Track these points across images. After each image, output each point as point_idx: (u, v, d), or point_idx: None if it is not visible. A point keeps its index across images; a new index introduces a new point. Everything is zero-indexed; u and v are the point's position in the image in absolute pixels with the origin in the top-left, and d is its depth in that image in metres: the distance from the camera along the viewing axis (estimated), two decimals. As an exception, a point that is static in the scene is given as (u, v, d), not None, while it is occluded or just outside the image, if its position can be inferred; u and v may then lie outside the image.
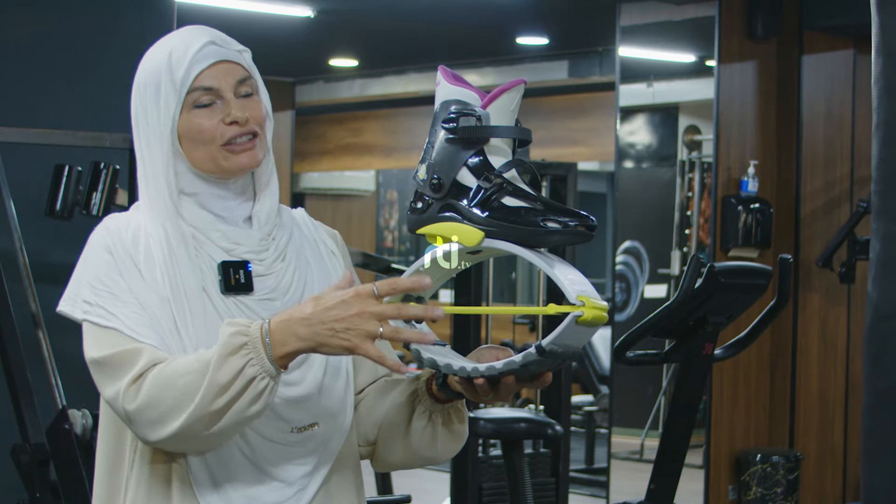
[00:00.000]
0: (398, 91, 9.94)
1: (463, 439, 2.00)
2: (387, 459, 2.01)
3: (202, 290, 1.88)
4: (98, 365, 1.83)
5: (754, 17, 6.23)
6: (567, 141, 9.75)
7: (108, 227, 1.90)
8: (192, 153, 1.90)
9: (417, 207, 1.86)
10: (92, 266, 1.88)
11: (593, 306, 1.73)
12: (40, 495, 3.79)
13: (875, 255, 2.11)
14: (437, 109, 1.86)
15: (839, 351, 6.50)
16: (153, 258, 1.87)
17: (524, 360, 1.77)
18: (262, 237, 1.93)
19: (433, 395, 1.94)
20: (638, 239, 6.96)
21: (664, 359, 3.80)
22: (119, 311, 1.83)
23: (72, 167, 4.41)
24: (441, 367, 1.84)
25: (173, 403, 1.75)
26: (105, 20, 4.84)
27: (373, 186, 12.11)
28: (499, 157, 1.83)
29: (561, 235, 1.76)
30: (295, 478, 1.90)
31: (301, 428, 1.90)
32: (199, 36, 1.92)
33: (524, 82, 1.84)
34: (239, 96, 1.91)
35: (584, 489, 7.29)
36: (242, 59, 1.93)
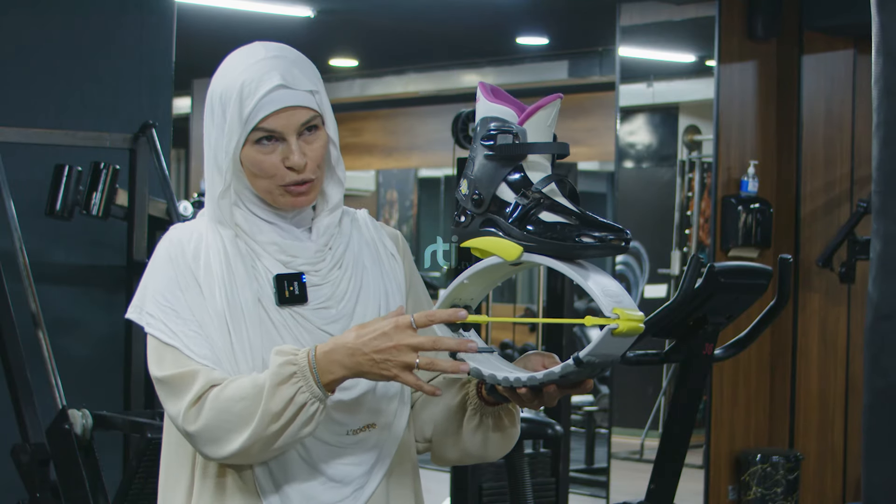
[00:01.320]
0: (398, 91, 9.95)
1: (514, 439, 2.07)
2: (443, 456, 2.08)
3: (258, 302, 1.94)
4: (160, 383, 1.93)
5: (754, 17, 6.23)
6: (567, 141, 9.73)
7: (172, 240, 1.98)
8: (253, 181, 1.96)
9: (461, 221, 1.94)
10: (156, 279, 1.95)
11: (628, 318, 1.80)
12: (40, 495, 3.79)
13: (875, 255, 2.11)
14: (477, 126, 1.92)
15: (839, 351, 6.50)
16: (212, 272, 1.94)
17: (563, 371, 1.84)
18: (318, 248, 1.99)
19: (483, 399, 2.01)
20: (638, 239, 6.96)
21: (664, 359, 3.80)
22: (179, 330, 1.91)
23: (72, 167, 4.42)
24: (486, 378, 1.91)
25: (231, 427, 1.85)
26: (105, 20, 4.85)
27: (373, 186, 12.11)
28: (537, 171, 1.90)
29: (596, 250, 1.83)
30: (352, 477, 1.96)
31: (356, 430, 1.97)
32: (272, 74, 1.92)
33: (560, 97, 1.91)
34: (301, 133, 1.94)
35: (584, 489, 7.29)
36: (311, 101, 1.95)
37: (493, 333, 5.71)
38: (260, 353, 1.92)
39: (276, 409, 1.82)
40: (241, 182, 1.97)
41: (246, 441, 1.84)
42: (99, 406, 4.01)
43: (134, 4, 4.89)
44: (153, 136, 4.51)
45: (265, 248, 1.97)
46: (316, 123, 1.96)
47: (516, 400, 1.92)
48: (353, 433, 1.96)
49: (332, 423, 1.94)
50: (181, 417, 1.88)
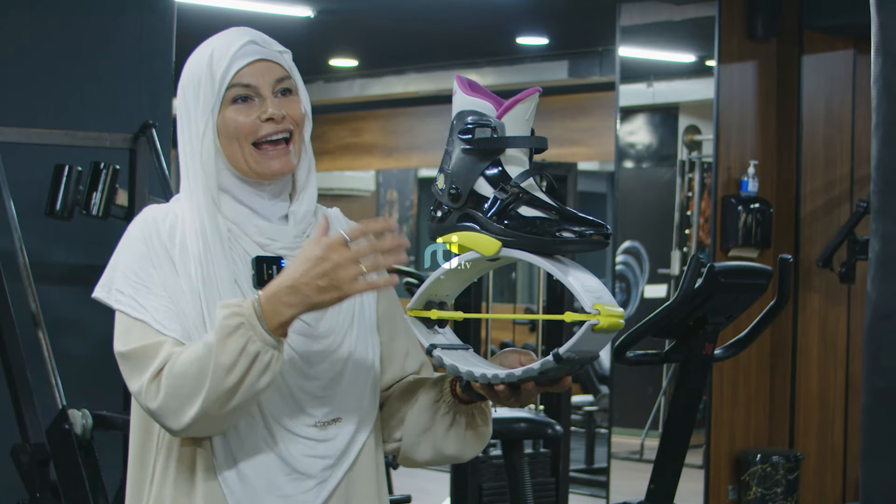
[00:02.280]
0: (398, 91, 9.95)
1: (486, 439, 2.04)
2: (412, 457, 2.05)
3: (235, 283, 1.92)
4: (123, 358, 1.89)
5: (754, 17, 6.23)
6: (567, 141, 9.75)
7: (147, 219, 1.95)
8: (230, 152, 1.94)
9: (437, 216, 1.90)
10: (127, 256, 1.93)
11: (609, 314, 1.77)
12: (40, 495, 3.79)
13: (874, 255, 2.11)
14: (454, 120, 1.90)
15: (839, 351, 6.50)
16: (188, 251, 1.91)
17: (542, 368, 1.81)
18: (297, 234, 1.97)
19: (457, 397, 1.98)
20: (638, 239, 6.96)
21: (664, 359, 3.80)
22: (149, 304, 1.88)
23: (72, 167, 4.41)
24: (462, 374, 1.88)
25: (189, 391, 1.80)
26: (105, 20, 4.84)
27: (373, 186, 12.11)
28: (515, 166, 1.86)
29: (576, 245, 1.80)
30: (316, 470, 1.94)
31: (324, 422, 1.94)
32: (240, 35, 1.97)
33: (539, 91, 1.88)
34: (277, 94, 1.94)
35: (584, 489, 7.29)
36: (282, 60, 1.97)
37: (493, 333, 5.70)
38: None
39: (228, 362, 1.78)
40: (220, 160, 1.94)
41: (203, 402, 1.79)
42: (99, 406, 4.00)
43: (134, 4, 4.89)
44: (153, 136, 4.50)
45: (245, 229, 1.95)
46: (290, 87, 1.96)
47: (493, 397, 1.90)
48: (321, 425, 1.94)
49: (301, 414, 1.92)
50: (143, 394, 1.84)
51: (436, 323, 1.95)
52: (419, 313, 1.94)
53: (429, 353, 1.91)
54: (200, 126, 1.93)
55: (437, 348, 1.91)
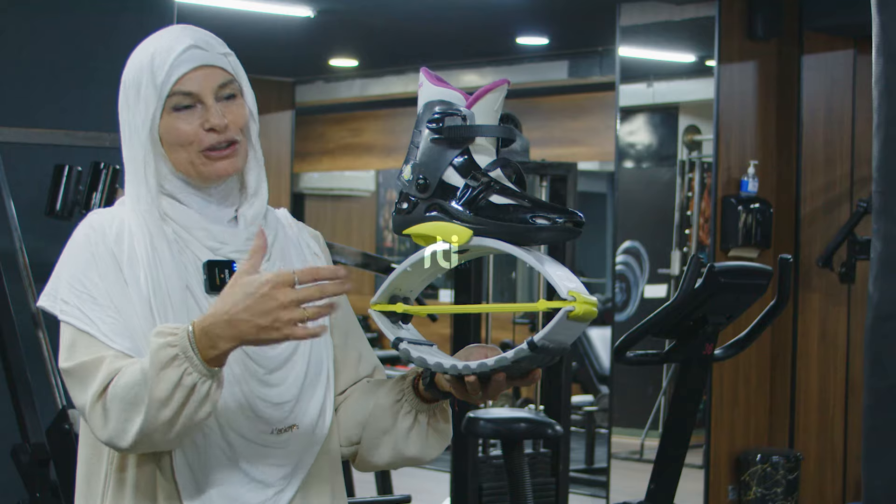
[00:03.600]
0: (398, 91, 9.94)
1: (448, 439, 2.01)
2: (370, 460, 2.01)
3: (186, 289, 1.88)
4: (67, 374, 1.84)
5: (754, 17, 6.23)
6: (567, 141, 9.74)
7: (92, 224, 1.89)
8: (173, 156, 1.90)
9: (403, 208, 1.86)
10: (73, 264, 1.87)
11: (584, 301, 1.74)
12: (40, 495, 3.79)
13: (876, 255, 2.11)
14: (421, 111, 1.87)
15: (839, 351, 6.50)
16: (136, 257, 1.86)
17: (516, 356, 1.77)
18: (248, 236, 1.93)
19: (419, 395, 1.95)
20: (638, 239, 6.95)
21: (664, 359, 3.79)
22: (96, 316, 1.83)
23: (72, 167, 4.41)
24: (431, 366, 1.85)
25: (126, 416, 1.76)
26: (105, 20, 4.84)
27: (373, 186, 12.10)
28: (484, 156, 1.84)
29: (550, 232, 1.77)
30: (274, 479, 1.90)
31: (281, 430, 1.91)
32: (182, 38, 1.91)
33: (507, 82, 1.85)
34: (220, 100, 1.90)
35: (584, 489, 7.29)
36: (226, 63, 1.93)
37: (493, 333, 5.69)
38: None
39: (164, 395, 1.72)
40: (162, 165, 1.90)
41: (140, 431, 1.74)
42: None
43: (134, 4, 4.88)
44: (153, 136, 4.50)
45: (193, 233, 1.90)
46: (234, 92, 1.92)
47: (460, 392, 1.86)
48: (277, 433, 1.90)
49: (258, 421, 1.89)
50: (87, 411, 1.79)
51: (400, 318, 1.91)
52: (384, 307, 1.90)
53: (395, 346, 1.87)
54: (142, 132, 1.89)
55: (404, 341, 1.88)
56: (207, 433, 1.86)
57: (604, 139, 9.11)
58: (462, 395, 1.87)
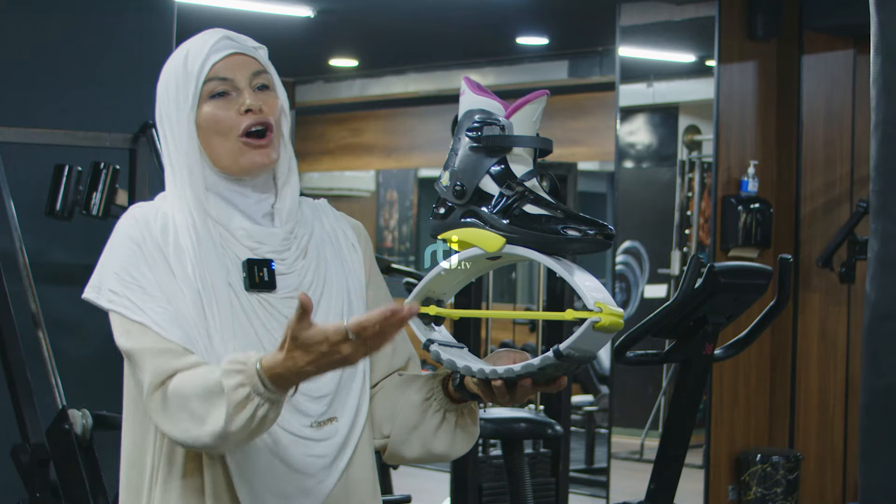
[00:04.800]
0: (398, 91, 9.94)
1: (474, 438, 2.05)
2: (399, 454, 2.05)
3: (228, 285, 1.92)
4: (128, 354, 1.89)
5: (754, 17, 6.23)
6: (567, 141, 9.75)
7: (136, 217, 1.94)
8: (211, 148, 1.94)
9: (440, 213, 1.91)
10: (119, 256, 1.91)
11: (610, 312, 1.78)
12: (40, 495, 3.79)
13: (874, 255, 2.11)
14: (461, 118, 1.91)
15: (839, 351, 6.50)
16: (183, 250, 1.90)
17: (542, 364, 1.81)
18: (284, 236, 1.97)
19: (449, 395, 1.99)
20: (638, 239, 6.96)
21: (664, 359, 3.79)
22: (147, 306, 1.86)
23: (72, 167, 4.41)
24: (460, 369, 1.89)
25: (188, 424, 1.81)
26: (105, 20, 4.84)
27: (373, 186, 12.10)
28: (520, 165, 1.88)
29: (580, 243, 1.81)
30: (315, 469, 1.95)
31: (321, 422, 1.95)
32: (214, 33, 1.98)
33: (547, 94, 1.89)
34: (254, 88, 1.95)
35: (584, 489, 7.29)
36: (258, 55, 1.99)
37: (493, 333, 5.70)
38: (231, 338, 1.89)
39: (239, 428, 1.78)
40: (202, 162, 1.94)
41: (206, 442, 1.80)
42: (99, 406, 4.00)
43: (134, 4, 4.89)
44: (153, 136, 4.50)
45: (234, 232, 1.95)
46: (266, 83, 1.97)
47: (487, 395, 1.90)
48: (318, 425, 1.95)
49: (298, 414, 1.93)
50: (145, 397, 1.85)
51: (432, 320, 1.95)
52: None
53: (426, 347, 1.91)
54: (184, 127, 1.93)
55: (435, 343, 1.92)
56: None
57: (604, 139, 9.11)
58: (489, 398, 1.90)
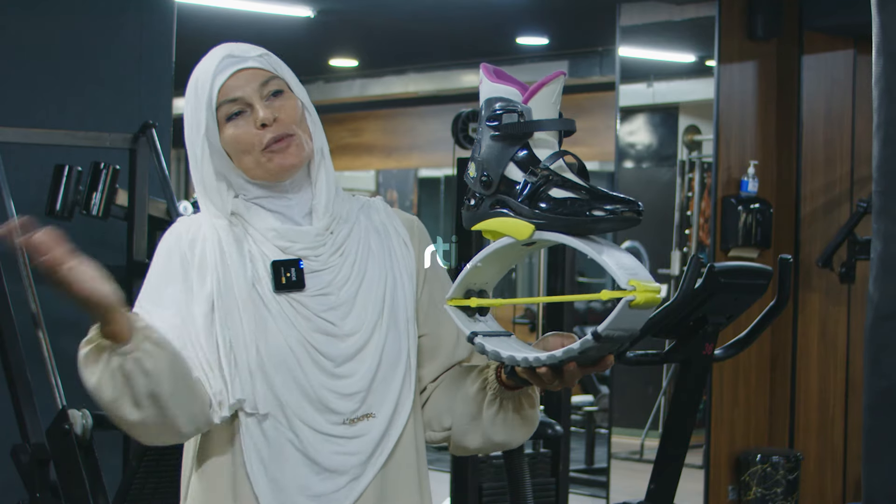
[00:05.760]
0: (398, 91, 9.94)
1: (535, 424, 2.06)
2: (463, 444, 2.06)
3: (253, 288, 1.95)
4: None
5: (754, 17, 6.23)
6: (567, 141, 9.74)
7: (173, 231, 2.02)
8: (243, 165, 1.98)
9: (471, 204, 1.90)
10: (153, 274, 1.99)
11: (645, 289, 1.77)
12: (40, 495, 3.79)
13: (876, 255, 2.11)
14: (482, 107, 1.90)
15: (839, 351, 6.50)
16: (206, 261, 1.96)
17: (582, 347, 1.81)
18: (317, 233, 1.99)
19: (503, 383, 1.99)
20: (638, 239, 6.96)
21: (664, 359, 3.79)
22: (157, 316, 1.93)
23: (72, 167, 4.42)
24: (504, 359, 1.88)
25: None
26: (105, 21, 4.84)
27: (373, 186, 12.11)
28: (545, 149, 1.87)
29: (608, 223, 1.80)
30: (347, 467, 1.95)
31: (353, 419, 1.96)
32: (217, 53, 2.00)
33: (564, 74, 1.88)
34: (266, 98, 1.98)
35: (584, 489, 7.29)
36: (263, 63, 2.00)
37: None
38: (254, 341, 1.92)
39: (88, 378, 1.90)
40: (237, 177, 1.99)
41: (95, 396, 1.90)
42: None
43: (134, 4, 4.89)
44: (153, 136, 4.51)
45: (264, 234, 1.98)
46: (279, 88, 1.99)
47: (536, 381, 1.90)
48: (350, 422, 1.95)
49: (328, 412, 1.94)
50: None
51: (476, 311, 1.94)
52: (459, 302, 1.94)
53: (470, 340, 1.91)
54: (198, 151, 1.98)
55: (479, 335, 1.91)
56: (276, 425, 1.93)
57: (604, 139, 9.11)
58: (540, 384, 1.91)
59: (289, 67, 2.04)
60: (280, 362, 1.93)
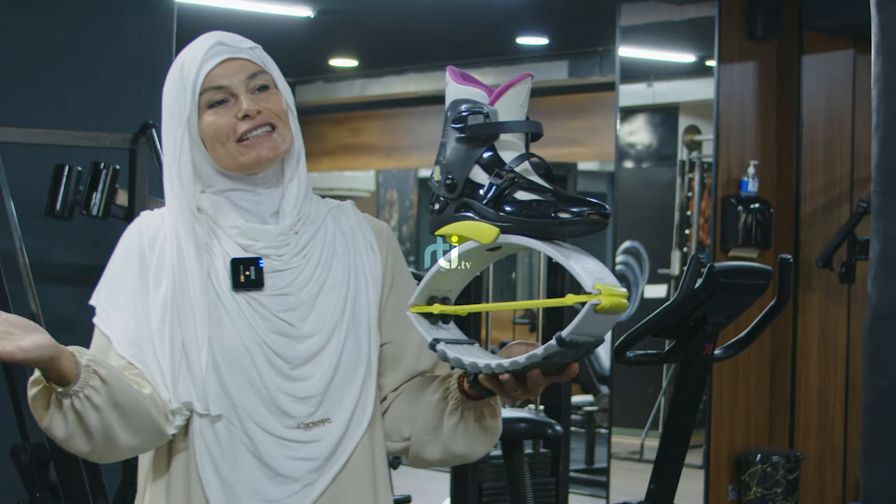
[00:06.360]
0: (398, 91, 9.94)
1: (496, 435, 2.01)
2: (421, 456, 2.02)
3: (211, 287, 1.91)
4: None
5: (754, 17, 6.23)
6: (567, 141, 9.75)
7: (134, 226, 1.98)
8: (216, 154, 1.94)
9: (435, 209, 1.87)
10: (112, 269, 1.96)
11: (611, 293, 1.73)
12: (40, 495, 3.79)
13: (875, 255, 2.11)
14: (447, 110, 1.87)
15: (839, 351, 6.50)
16: (164, 259, 1.92)
17: (546, 353, 1.77)
18: (281, 232, 1.95)
19: (465, 393, 1.96)
20: (638, 239, 6.96)
21: (664, 359, 3.79)
22: (115, 319, 1.90)
23: (72, 167, 4.41)
24: (466, 366, 1.85)
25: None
26: (105, 20, 4.84)
27: (373, 186, 12.10)
28: (511, 151, 1.84)
29: (574, 225, 1.76)
30: (301, 473, 1.91)
31: (309, 424, 1.92)
32: (207, 39, 1.97)
33: (531, 76, 1.85)
34: (252, 91, 1.95)
35: (584, 489, 7.29)
36: (253, 56, 1.97)
37: (493, 333, 5.70)
38: (207, 339, 1.88)
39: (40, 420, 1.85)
40: (207, 166, 1.95)
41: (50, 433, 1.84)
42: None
43: (134, 4, 4.88)
44: (153, 136, 4.50)
45: (227, 231, 1.94)
46: (266, 82, 1.96)
47: (499, 390, 1.86)
48: (305, 427, 1.91)
49: (283, 416, 1.90)
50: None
51: (440, 318, 1.91)
52: (422, 309, 1.91)
53: (432, 347, 1.87)
54: (178, 136, 1.94)
55: (441, 342, 1.88)
56: (229, 428, 1.89)
57: (604, 139, 9.11)
58: (502, 393, 1.87)
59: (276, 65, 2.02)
60: (234, 362, 1.89)
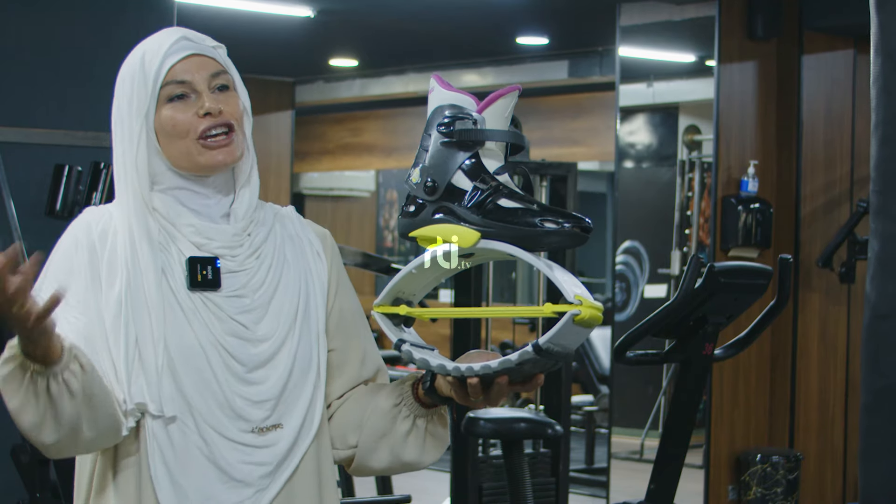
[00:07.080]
0: (398, 91, 9.94)
1: (445, 444, 2.00)
2: (367, 464, 2.00)
3: (166, 286, 1.88)
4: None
5: (754, 17, 6.23)
6: (567, 141, 9.75)
7: (80, 222, 1.93)
8: (170, 149, 1.91)
9: (409, 211, 1.86)
10: (58, 260, 1.91)
11: (590, 306, 1.73)
12: (40, 495, 3.79)
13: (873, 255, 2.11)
14: (431, 114, 1.87)
15: (839, 351, 6.50)
16: (117, 256, 1.88)
17: (520, 359, 1.76)
18: (235, 233, 1.93)
19: (419, 400, 1.94)
20: (638, 239, 6.96)
21: (664, 359, 3.79)
22: (62, 316, 1.81)
23: (72, 167, 4.42)
24: (434, 368, 1.84)
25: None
26: (105, 20, 4.84)
27: (373, 186, 12.10)
28: (492, 160, 1.84)
29: (557, 236, 1.76)
30: (254, 478, 1.89)
31: (262, 429, 1.90)
32: (171, 34, 1.94)
33: (519, 88, 1.86)
34: (213, 90, 1.92)
35: (584, 489, 7.29)
36: (217, 55, 1.95)
37: (493, 333, 5.70)
38: (162, 338, 1.85)
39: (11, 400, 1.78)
40: (159, 162, 1.92)
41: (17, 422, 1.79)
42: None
43: (134, 4, 4.88)
44: (153, 136, 4.51)
45: (181, 230, 1.91)
46: (227, 83, 1.94)
47: (461, 396, 1.85)
48: (259, 431, 1.90)
49: (237, 420, 1.88)
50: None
51: (402, 321, 1.90)
52: (388, 310, 1.89)
53: (397, 347, 1.86)
54: (135, 128, 1.91)
55: (406, 343, 1.87)
56: (184, 430, 1.86)
57: (604, 139, 9.11)
58: (463, 400, 1.85)
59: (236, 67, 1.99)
60: (189, 362, 1.86)
